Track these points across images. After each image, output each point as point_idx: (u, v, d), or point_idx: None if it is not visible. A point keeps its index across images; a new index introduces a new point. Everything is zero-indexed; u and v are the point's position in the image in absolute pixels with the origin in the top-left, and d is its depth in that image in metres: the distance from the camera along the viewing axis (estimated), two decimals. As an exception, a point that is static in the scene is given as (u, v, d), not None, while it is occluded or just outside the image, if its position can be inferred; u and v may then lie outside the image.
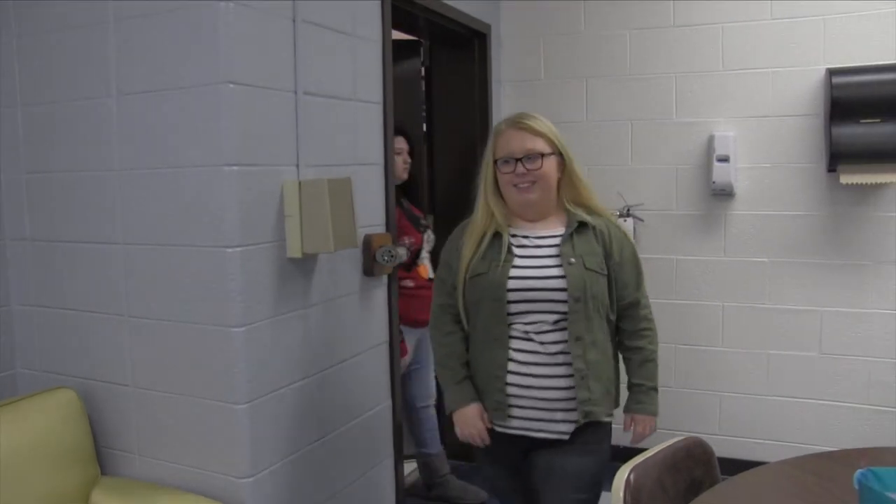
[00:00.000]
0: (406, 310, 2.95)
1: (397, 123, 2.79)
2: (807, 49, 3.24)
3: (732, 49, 3.36)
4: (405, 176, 3.11)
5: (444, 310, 2.08)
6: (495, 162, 2.00)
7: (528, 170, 1.94)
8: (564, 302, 1.90)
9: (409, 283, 3.04)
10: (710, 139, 3.39)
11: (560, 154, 1.99)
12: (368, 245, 2.51)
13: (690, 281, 3.51)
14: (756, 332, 3.42)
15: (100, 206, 2.15)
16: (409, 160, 3.11)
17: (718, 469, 1.84)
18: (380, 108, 2.61)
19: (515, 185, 1.96)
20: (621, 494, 1.57)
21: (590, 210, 2.01)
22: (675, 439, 1.81)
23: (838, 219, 3.27)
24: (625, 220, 3.49)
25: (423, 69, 3.65)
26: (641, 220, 3.53)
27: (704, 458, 1.81)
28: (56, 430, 2.06)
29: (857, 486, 1.39)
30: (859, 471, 1.40)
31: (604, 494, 1.76)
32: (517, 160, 1.94)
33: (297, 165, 2.17)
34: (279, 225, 2.11)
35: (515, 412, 1.96)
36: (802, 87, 3.27)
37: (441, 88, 3.65)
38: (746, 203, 3.40)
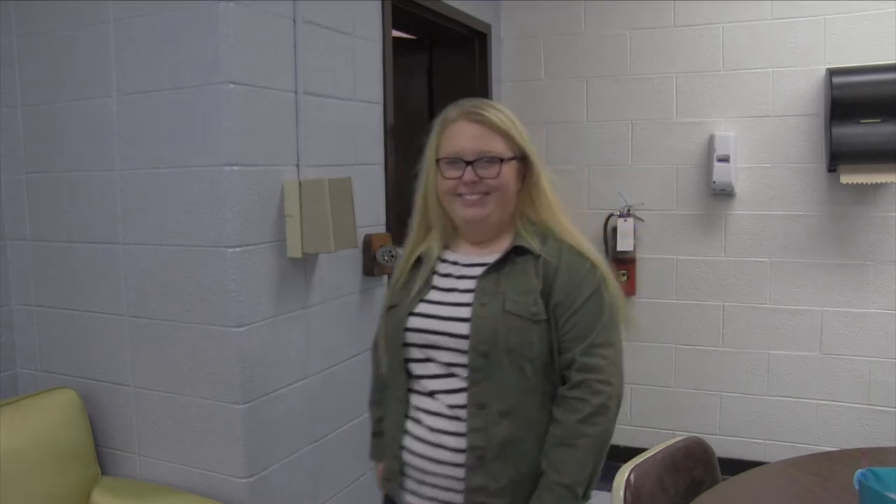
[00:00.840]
0: None
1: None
2: (807, 49, 3.24)
3: (733, 49, 3.36)
4: None
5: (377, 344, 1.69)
6: (438, 162, 1.52)
7: (480, 177, 1.46)
8: (466, 353, 1.43)
9: None
10: (711, 139, 3.39)
11: (524, 158, 1.52)
12: (369, 245, 2.51)
13: (690, 281, 3.51)
14: (756, 332, 3.42)
15: (100, 206, 2.15)
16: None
17: (719, 469, 1.84)
18: (380, 108, 2.61)
19: (461, 196, 1.49)
20: (621, 494, 1.57)
21: (548, 233, 1.50)
22: (676, 439, 1.81)
23: (838, 219, 3.27)
24: (625, 221, 3.48)
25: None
26: (642, 219, 3.53)
27: (705, 457, 1.81)
28: (56, 430, 2.06)
29: (857, 486, 1.39)
30: (859, 471, 1.40)
31: (604, 494, 1.75)
32: (467, 163, 1.47)
33: (298, 165, 2.17)
34: (279, 225, 2.11)
35: (410, 485, 1.52)
36: (803, 87, 3.27)
37: (441, 88, 3.65)
38: (747, 203, 3.40)
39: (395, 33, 2.85)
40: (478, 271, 1.49)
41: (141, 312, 2.12)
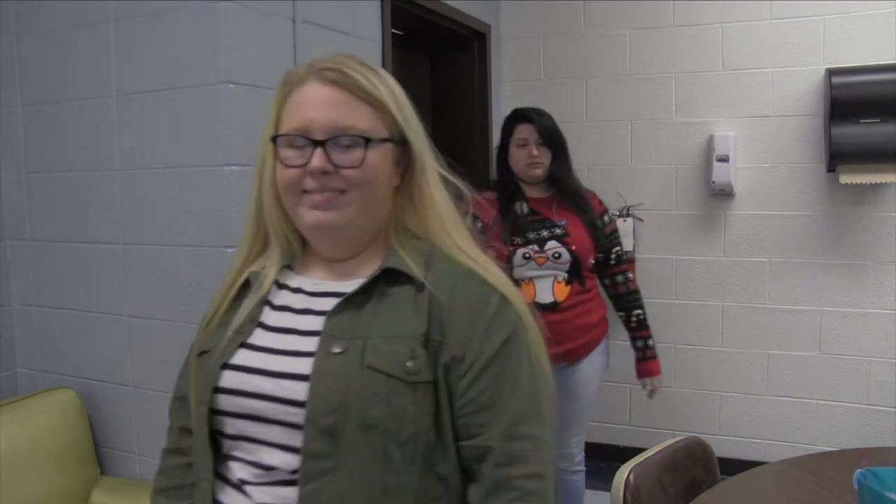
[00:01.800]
0: None
1: (519, 111, 2.57)
2: (806, 49, 3.24)
3: (732, 49, 3.36)
4: (535, 173, 2.48)
5: (175, 404, 1.17)
6: (275, 142, 1.02)
7: (334, 166, 0.98)
8: (301, 429, 0.94)
9: None
10: (710, 139, 3.40)
11: (404, 143, 1.04)
12: (368, 245, 2.51)
13: (690, 281, 3.51)
14: (756, 332, 3.42)
15: (100, 206, 2.15)
16: (537, 153, 2.46)
17: (718, 469, 1.84)
18: (380, 108, 2.61)
19: (306, 193, 1.00)
20: (621, 494, 1.57)
21: (435, 252, 1.03)
22: (675, 439, 1.81)
23: (838, 219, 3.27)
24: (624, 221, 3.49)
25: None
26: (641, 220, 3.53)
27: (704, 457, 1.81)
28: (56, 430, 2.06)
29: (856, 486, 1.39)
30: (859, 471, 1.40)
31: (604, 494, 1.75)
32: (316, 144, 0.98)
33: (297, 165, 2.17)
34: (279, 225, 2.10)
35: None
36: (802, 86, 3.27)
37: (441, 88, 3.65)
38: (746, 203, 3.40)
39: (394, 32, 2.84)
40: (329, 304, 0.99)
41: (141, 312, 2.12)
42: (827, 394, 3.33)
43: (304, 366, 0.96)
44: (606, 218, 2.57)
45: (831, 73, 3.11)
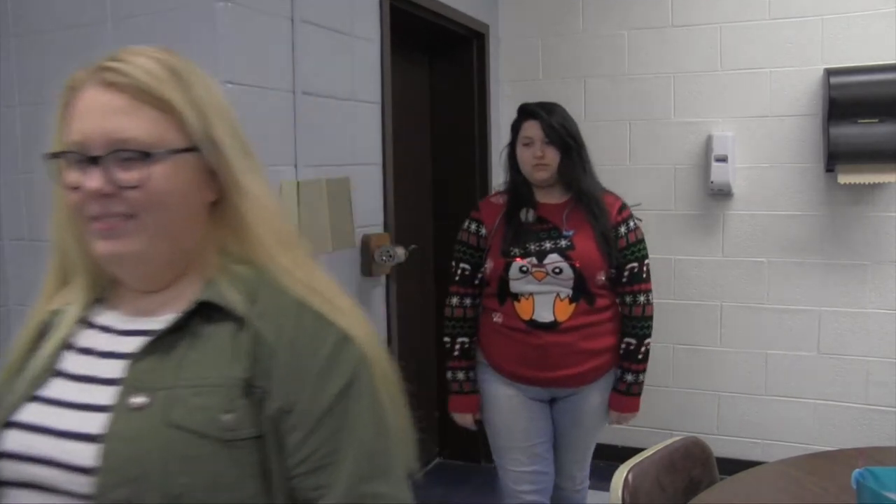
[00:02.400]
0: (495, 351, 2.30)
1: (526, 106, 2.29)
2: (805, 49, 3.25)
3: (731, 49, 3.36)
4: (539, 175, 2.22)
5: None
6: (57, 156, 0.86)
7: (117, 187, 0.82)
8: (88, 499, 0.77)
9: (498, 319, 2.26)
10: (709, 139, 3.40)
11: (212, 147, 0.87)
12: (367, 245, 2.51)
13: (689, 281, 3.51)
14: (754, 332, 3.42)
15: (98, 206, 2.14)
16: (541, 154, 2.21)
17: (717, 469, 1.84)
18: (378, 107, 2.61)
19: (93, 220, 0.83)
20: (619, 494, 1.57)
21: (262, 280, 0.86)
22: (674, 439, 1.81)
23: (836, 219, 3.27)
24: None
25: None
26: (640, 220, 3.51)
27: (703, 457, 1.81)
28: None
29: (854, 486, 1.39)
30: (857, 470, 1.40)
31: (602, 494, 1.75)
32: (91, 160, 0.82)
33: (296, 165, 2.17)
34: (277, 225, 2.10)
35: None
36: (800, 87, 3.27)
37: (439, 88, 3.65)
38: (745, 203, 3.40)
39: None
40: (136, 345, 0.83)
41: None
42: (825, 394, 3.33)
43: (94, 423, 0.78)
44: (623, 229, 2.24)
45: (830, 73, 3.12)
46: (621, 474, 1.60)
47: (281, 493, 0.80)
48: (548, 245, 2.19)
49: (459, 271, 2.32)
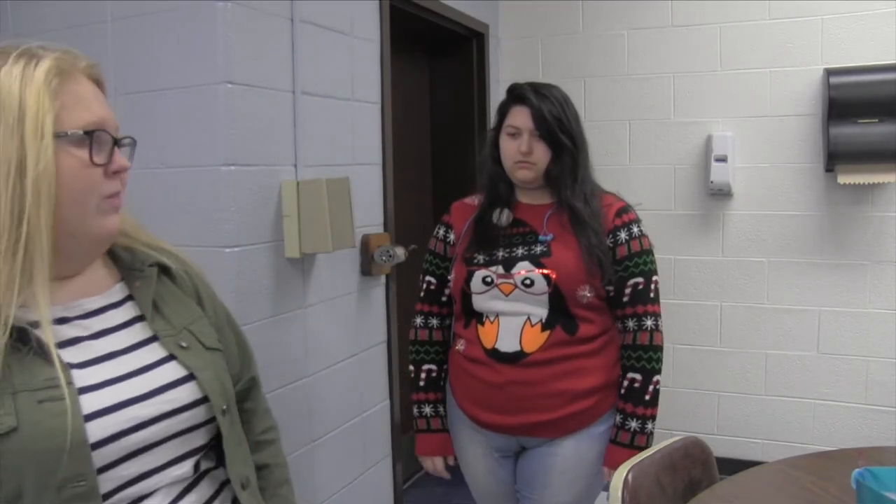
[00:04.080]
0: (458, 388, 1.92)
1: (515, 87, 1.87)
2: (804, 49, 3.25)
3: (730, 49, 3.36)
4: (521, 174, 1.82)
5: None
6: (61, 138, 0.89)
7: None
8: (205, 425, 1.00)
9: (461, 347, 1.88)
10: (709, 139, 3.40)
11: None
12: (367, 245, 2.51)
13: (688, 281, 3.51)
14: (754, 332, 3.42)
15: (98, 206, 2.14)
16: (529, 150, 1.79)
17: (717, 469, 1.84)
18: (378, 107, 2.61)
19: (110, 198, 0.96)
20: (619, 494, 1.56)
21: (140, 243, 1.08)
22: (674, 439, 1.81)
23: (836, 219, 3.27)
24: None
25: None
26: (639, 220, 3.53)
27: (702, 457, 1.81)
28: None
29: (854, 486, 1.39)
30: (857, 470, 1.40)
31: (602, 494, 1.75)
32: (114, 141, 0.96)
33: (296, 165, 2.17)
34: (277, 225, 2.10)
35: None
36: (800, 87, 3.27)
37: (439, 88, 3.65)
38: (744, 203, 3.40)
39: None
40: (118, 317, 0.97)
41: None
42: (825, 393, 3.33)
43: (170, 372, 0.96)
44: (623, 235, 1.81)
45: (829, 73, 3.12)
46: (621, 474, 1.60)
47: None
48: (519, 251, 1.78)
49: (425, 285, 1.96)
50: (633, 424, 1.78)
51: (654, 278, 1.84)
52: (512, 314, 1.77)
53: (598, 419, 1.81)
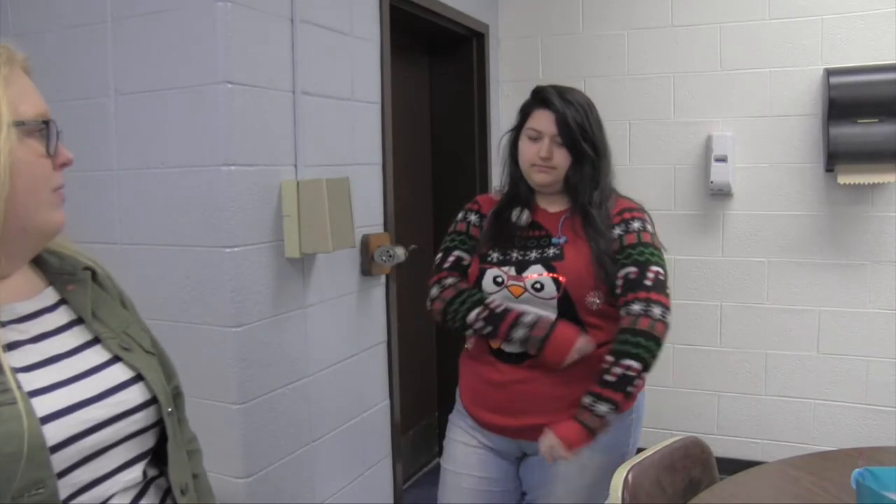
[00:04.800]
0: (464, 387, 1.90)
1: (540, 90, 1.83)
2: (805, 49, 3.25)
3: (730, 49, 3.36)
4: (538, 178, 1.81)
5: None
6: (16, 127, 0.87)
7: None
8: (152, 428, 0.99)
9: (469, 345, 1.87)
10: (709, 139, 3.40)
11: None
12: (367, 245, 2.51)
13: (688, 281, 3.51)
14: (754, 332, 3.42)
15: (97, 206, 2.15)
16: (549, 155, 1.78)
17: (716, 469, 1.84)
18: (378, 107, 2.61)
19: (58, 190, 0.96)
20: (619, 494, 1.57)
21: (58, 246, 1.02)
22: (674, 439, 1.81)
23: (836, 219, 3.27)
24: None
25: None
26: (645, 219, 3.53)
27: (702, 457, 1.81)
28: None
29: (854, 486, 1.39)
30: (857, 470, 1.40)
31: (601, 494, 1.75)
32: (57, 134, 0.96)
33: (296, 165, 2.17)
34: (277, 225, 2.10)
35: None
36: (800, 87, 3.27)
37: (439, 88, 3.65)
38: (744, 203, 3.40)
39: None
40: (53, 321, 0.93)
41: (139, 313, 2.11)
42: (825, 393, 3.33)
43: (118, 374, 0.94)
44: (619, 230, 1.80)
45: (829, 73, 3.12)
46: (621, 474, 1.60)
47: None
48: (533, 255, 1.77)
49: (452, 258, 1.86)
50: (586, 400, 1.65)
51: (654, 268, 1.74)
52: None
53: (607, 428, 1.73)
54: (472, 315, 1.76)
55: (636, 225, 1.82)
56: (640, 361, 1.68)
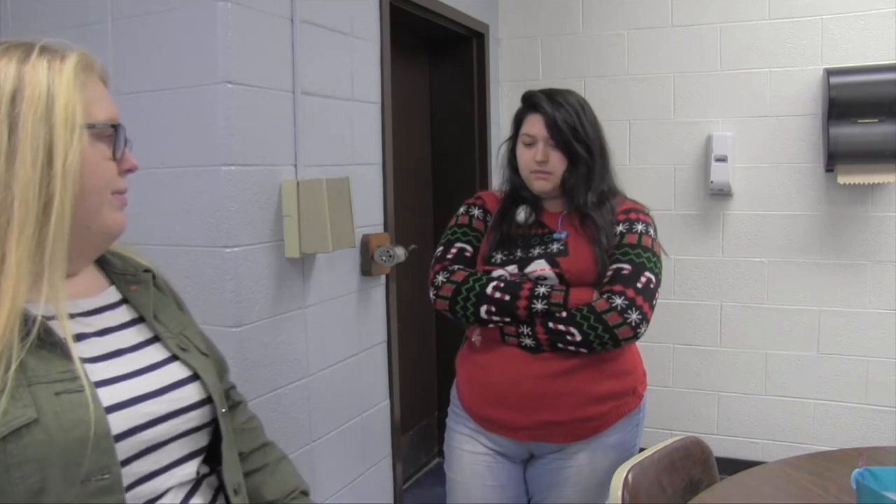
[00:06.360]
0: (468, 385, 1.86)
1: (529, 95, 1.84)
2: (805, 49, 3.25)
3: (730, 49, 3.36)
4: (538, 185, 1.81)
5: None
6: (87, 130, 0.92)
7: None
8: (206, 427, 1.01)
9: (476, 339, 1.82)
10: (709, 139, 3.40)
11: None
12: (366, 245, 2.51)
13: (688, 281, 3.51)
14: (754, 332, 3.42)
15: (98, 205, 2.14)
16: (545, 158, 1.78)
17: (716, 469, 1.84)
18: (378, 107, 2.61)
19: (119, 194, 0.98)
20: (619, 494, 1.57)
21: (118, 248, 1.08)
22: (674, 439, 1.81)
23: (836, 218, 3.27)
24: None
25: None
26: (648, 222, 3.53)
27: (702, 457, 1.81)
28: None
29: (854, 486, 1.39)
30: (857, 470, 1.40)
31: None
32: (126, 139, 0.99)
33: (296, 165, 2.17)
34: (277, 225, 2.10)
35: None
36: (800, 86, 3.27)
37: (439, 88, 3.65)
38: (744, 203, 3.40)
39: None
40: (119, 315, 0.99)
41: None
42: (825, 393, 3.33)
43: (175, 372, 0.98)
44: (622, 227, 1.80)
45: (829, 73, 3.12)
46: (621, 474, 1.60)
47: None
48: (536, 251, 1.77)
49: (455, 250, 1.83)
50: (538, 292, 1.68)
51: (647, 273, 1.71)
52: None
53: (609, 427, 1.76)
54: (490, 287, 1.71)
55: (640, 227, 1.82)
56: (584, 342, 1.66)
